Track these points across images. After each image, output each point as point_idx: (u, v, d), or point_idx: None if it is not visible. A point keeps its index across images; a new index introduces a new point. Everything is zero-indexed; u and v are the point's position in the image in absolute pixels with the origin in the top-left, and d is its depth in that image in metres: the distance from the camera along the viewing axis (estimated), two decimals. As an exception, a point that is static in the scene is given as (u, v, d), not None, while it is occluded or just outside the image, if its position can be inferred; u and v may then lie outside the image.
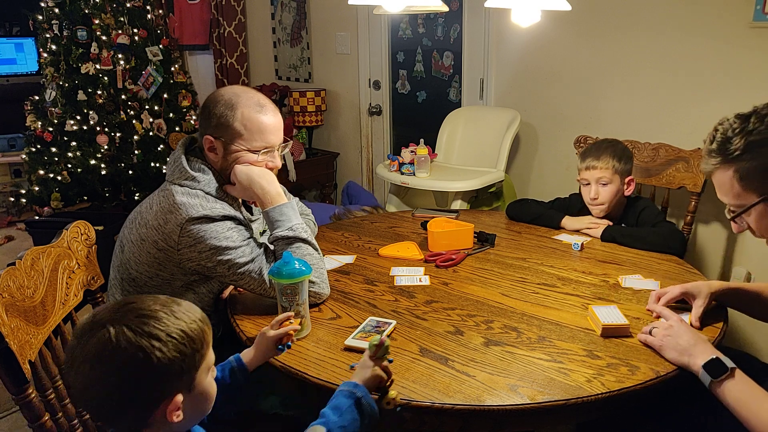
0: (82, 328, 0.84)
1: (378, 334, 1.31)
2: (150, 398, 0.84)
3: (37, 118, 3.78)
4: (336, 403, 1.04)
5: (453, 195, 2.73)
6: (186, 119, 4.01)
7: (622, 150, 1.98)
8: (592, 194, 1.96)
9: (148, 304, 0.86)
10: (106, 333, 0.81)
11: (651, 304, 1.43)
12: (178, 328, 0.85)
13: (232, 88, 1.55)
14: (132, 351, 0.81)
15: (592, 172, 1.95)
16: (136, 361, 0.81)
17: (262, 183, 1.50)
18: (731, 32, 2.20)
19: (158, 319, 0.84)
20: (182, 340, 0.85)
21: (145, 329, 0.82)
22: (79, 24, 3.69)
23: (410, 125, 3.68)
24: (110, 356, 0.81)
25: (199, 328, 0.89)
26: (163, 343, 0.83)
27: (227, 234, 1.44)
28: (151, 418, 0.85)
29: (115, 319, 0.83)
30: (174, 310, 0.87)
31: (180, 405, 0.85)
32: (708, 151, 1.17)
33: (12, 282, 1.08)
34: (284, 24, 4.17)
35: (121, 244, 1.54)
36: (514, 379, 1.18)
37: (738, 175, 1.13)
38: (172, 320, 0.85)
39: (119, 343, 0.81)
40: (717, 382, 1.13)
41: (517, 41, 2.89)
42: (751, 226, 1.19)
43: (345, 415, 1.02)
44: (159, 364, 0.82)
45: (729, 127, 1.14)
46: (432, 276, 1.68)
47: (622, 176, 1.95)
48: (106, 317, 0.84)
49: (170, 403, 0.85)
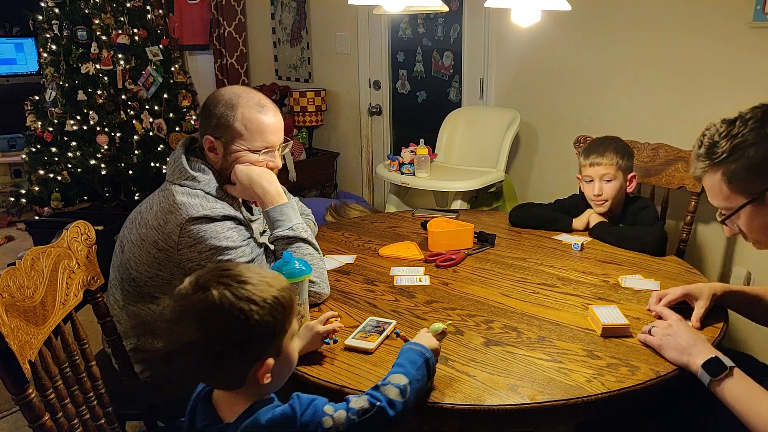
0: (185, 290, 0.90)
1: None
2: (245, 358, 0.89)
3: (37, 118, 3.78)
4: (410, 357, 1.09)
5: (453, 195, 2.73)
6: (186, 119, 4.01)
7: (624, 146, 1.99)
8: (596, 191, 1.97)
9: (243, 271, 0.92)
10: (210, 295, 0.87)
11: (652, 304, 1.43)
12: (271, 294, 0.90)
13: (233, 88, 1.54)
14: (234, 312, 0.86)
15: (597, 168, 1.95)
16: (237, 322, 0.86)
17: (262, 183, 1.50)
18: (731, 32, 2.20)
19: (254, 284, 0.89)
20: (275, 305, 0.90)
21: (244, 293, 0.88)
22: (79, 24, 3.69)
23: (410, 125, 3.68)
24: (213, 316, 0.86)
25: (288, 295, 0.94)
26: (260, 307, 0.88)
27: (227, 234, 1.44)
28: (245, 378, 0.90)
29: (218, 283, 0.88)
30: (265, 277, 0.93)
31: (270, 368, 0.91)
32: (696, 155, 1.20)
33: (12, 282, 1.08)
34: (284, 24, 4.17)
35: (121, 244, 1.54)
36: (514, 379, 1.18)
37: (726, 178, 1.15)
38: (266, 287, 0.90)
39: (222, 305, 0.86)
40: (716, 381, 1.14)
41: (517, 41, 2.89)
42: (741, 228, 1.20)
43: (419, 370, 1.07)
44: (255, 326, 0.88)
45: (715, 131, 1.17)
46: (432, 276, 1.68)
47: (625, 172, 1.96)
48: (208, 280, 0.89)
49: (262, 366, 0.90)
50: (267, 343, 0.91)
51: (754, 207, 1.15)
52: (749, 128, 1.12)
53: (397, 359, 1.10)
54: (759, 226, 1.18)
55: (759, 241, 1.22)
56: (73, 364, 1.25)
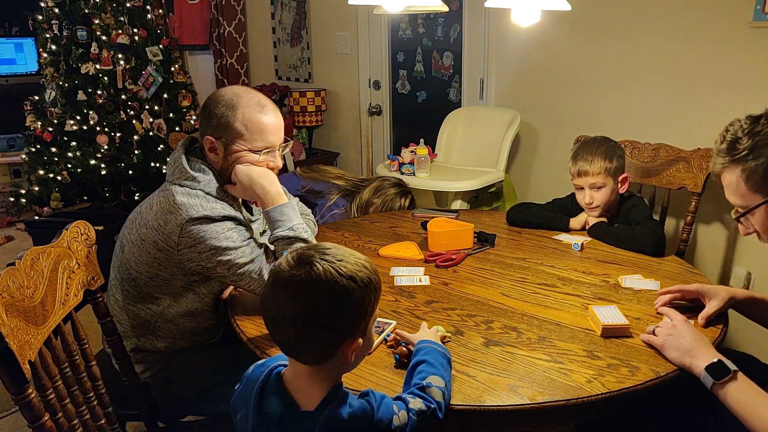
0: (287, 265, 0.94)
1: (386, 333, 1.32)
2: (339, 334, 0.94)
3: (37, 118, 3.78)
4: (438, 359, 1.13)
5: (453, 195, 2.73)
6: (186, 119, 4.01)
7: (612, 149, 1.96)
8: (587, 199, 1.96)
9: (342, 251, 0.96)
10: (314, 268, 0.91)
11: (659, 301, 1.43)
12: (367, 275, 0.95)
13: (233, 89, 1.54)
14: (338, 288, 0.91)
15: (585, 178, 1.94)
16: (340, 296, 0.91)
17: (262, 183, 1.50)
18: (731, 32, 2.20)
19: (353, 264, 0.94)
20: (370, 286, 0.95)
21: (345, 271, 0.92)
22: (79, 24, 3.69)
23: (410, 125, 3.68)
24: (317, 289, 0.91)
25: (378, 279, 0.98)
26: (359, 285, 0.93)
27: (227, 234, 1.44)
28: (336, 352, 0.94)
29: (321, 258, 0.93)
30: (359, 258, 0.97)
31: (359, 347, 0.96)
32: (717, 150, 1.19)
33: (12, 282, 1.08)
34: (284, 24, 4.17)
35: (121, 244, 1.54)
36: (514, 380, 1.18)
37: (744, 175, 1.14)
38: (362, 268, 0.95)
39: (327, 279, 0.91)
40: (719, 385, 1.14)
41: (517, 41, 2.89)
42: (756, 227, 1.19)
43: (447, 372, 1.13)
44: (353, 303, 0.93)
45: (739, 127, 1.15)
46: (432, 276, 1.68)
47: (615, 176, 1.94)
48: (312, 255, 0.94)
49: (353, 344, 0.95)
50: (359, 322, 0.95)
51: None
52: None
53: (424, 357, 1.13)
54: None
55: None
56: (73, 364, 1.25)
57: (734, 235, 2.36)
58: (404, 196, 2.50)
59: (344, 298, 0.92)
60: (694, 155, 2.18)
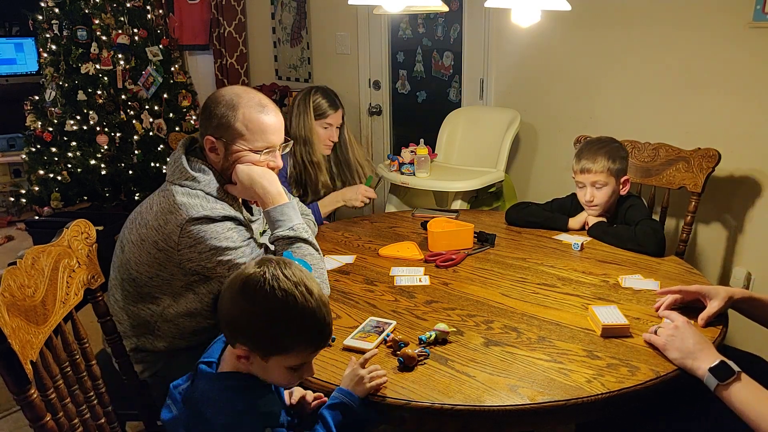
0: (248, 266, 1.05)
1: (378, 335, 1.32)
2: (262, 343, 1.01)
3: (37, 118, 3.78)
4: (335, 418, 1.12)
5: (453, 195, 2.73)
6: (186, 119, 4.01)
7: (617, 150, 1.97)
8: (588, 197, 1.97)
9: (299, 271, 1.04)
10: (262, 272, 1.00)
11: (660, 302, 1.43)
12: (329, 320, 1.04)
13: (233, 89, 1.54)
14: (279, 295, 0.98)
15: (587, 175, 1.95)
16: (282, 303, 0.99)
17: (263, 182, 1.50)
18: (731, 32, 2.20)
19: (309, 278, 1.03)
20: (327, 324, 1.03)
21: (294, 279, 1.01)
22: (79, 24, 3.69)
23: (410, 125, 3.68)
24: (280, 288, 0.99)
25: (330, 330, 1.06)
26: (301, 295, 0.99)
27: (227, 234, 1.44)
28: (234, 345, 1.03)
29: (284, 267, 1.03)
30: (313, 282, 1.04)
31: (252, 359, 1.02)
32: None
33: (13, 281, 1.08)
34: (284, 24, 4.17)
35: (121, 244, 1.54)
36: (514, 380, 1.18)
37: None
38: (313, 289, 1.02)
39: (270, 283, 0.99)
40: (723, 386, 1.14)
41: (517, 41, 2.89)
42: None
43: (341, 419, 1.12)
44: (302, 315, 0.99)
45: None
46: (432, 276, 1.68)
47: (617, 177, 1.95)
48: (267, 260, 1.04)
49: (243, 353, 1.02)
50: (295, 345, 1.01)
51: None
52: None
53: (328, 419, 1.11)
54: None
55: None
56: (74, 363, 1.25)
57: (734, 235, 2.36)
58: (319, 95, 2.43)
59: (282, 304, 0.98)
60: (694, 155, 2.18)
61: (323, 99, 2.43)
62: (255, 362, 1.03)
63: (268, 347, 1.00)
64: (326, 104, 2.43)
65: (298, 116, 2.39)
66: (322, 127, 2.42)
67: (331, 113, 2.43)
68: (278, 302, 0.98)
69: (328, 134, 2.44)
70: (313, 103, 2.41)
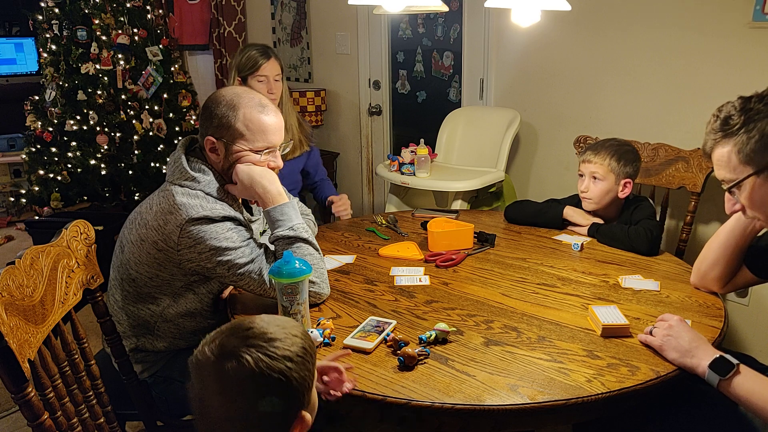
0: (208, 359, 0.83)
1: (378, 334, 1.32)
2: (287, 419, 0.84)
3: (37, 118, 3.78)
4: None
5: (453, 195, 2.73)
6: (186, 119, 4.01)
7: (626, 152, 1.97)
8: (583, 187, 1.99)
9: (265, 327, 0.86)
10: (243, 362, 0.80)
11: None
12: (299, 346, 0.85)
13: (233, 89, 1.54)
14: (274, 376, 0.81)
15: (587, 165, 1.97)
16: (278, 385, 0.81)
17: (263, 182, 1.50)
18: (731, 32, 2.20)
19: (282, 339, 0.84)
20: (306, 357, 0.86)
21: (279, 353, 0.82)
22: (79, 24, 3.70)
23: (410, 125, 3.67)
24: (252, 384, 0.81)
25: (311, 343, 0.89)
26: (295, 363, 0.83)
27: (227, 235, 1.44)
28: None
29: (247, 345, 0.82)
30: (287, 328, 0.87)
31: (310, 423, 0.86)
32: (710, 129, 1.24)
33: (11, 281, 1.08)
34: (284, 24, 4.17)
35: (120, 244, 1.54)
36: (514, 379, 1.17)
37: (736, 149, 1.19)
38: (293, 339, 0.85)
39: (261, 370, 0.80)
40: (726, 381, 1.14)
41: (517, 41, 2.89)
42: (743, 201, 1.22)
43: None
44: (296, 385, 0.83)
45: (731, 107, 1.21)
46: (432, 276, 1.68)
47: (617, 176, 1.94)
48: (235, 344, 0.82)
49: (302, 422, 0.85)
50: (303, 397, 0.86)
51: (759, 179, 1.17)
52: (764, 103, 1.17)
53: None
54: (760, 200, 1.20)
55: (757, 217, 1.24)
56: (73, 363, 1.25)
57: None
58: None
59: (284, 385, 0.82)
60: (694, 155, 2.18)
61: (252, 51, 2.26)
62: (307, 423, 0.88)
63: None
64: (257, 54, 2.25)
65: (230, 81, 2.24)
66: (257, 81, 2.26)
67: (263, 62, 2.25)
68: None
69: (265, 87, 2.27)
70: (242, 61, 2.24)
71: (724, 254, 1.51)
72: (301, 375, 0.84)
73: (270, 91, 2.29)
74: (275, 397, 0.82)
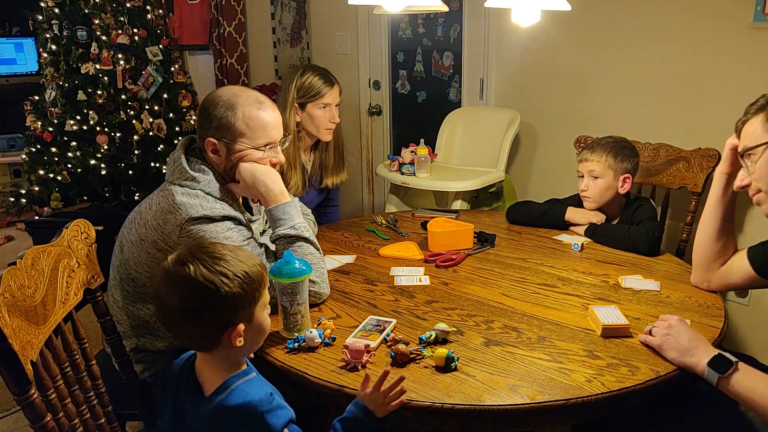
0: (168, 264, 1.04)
1: (379, 333, 1.32)
2: (218, 323, 1.03)
3: (37, 118, 3.78)
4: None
5: (453, 195, 2.73)
6: (186, 119, 4.01)
7: (623, 147, 1.98)
8: (582, 186, 1.99)
9: (219, 248, 1.06)
10: (186, 268, 1.02)
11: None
12: (241, 269, 1.04)
13: (229, 89, 1.55)
14: (207, 284, 1.01)
15: (585, 164, 1.98)
16: (209, 291, 1.01)
17: (266, 181, 1.50)
18: (731, 33, 2.20)
19: (227, 261, 1.04)
20: (245, 279, 1.04)
21: (217, 268, 1.02)
22: (79, 24, 3.69)
23: (410, 125, 3.67)
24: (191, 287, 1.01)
25: (258, 271, 1.07)
26: (230, 279, 1.02)
27: (227, 234, 1.44)
28: (219, 340, 1.04)
29: (195, 258, 1.03)
30: (238, 254, 1.07)
31: (242, 333, 1.04)
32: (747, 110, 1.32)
33: (13, 282, 1.08)
34: (284, 24, 4.17)
35: (120, 244, 1.54)
36: (515, 379, 1.18)
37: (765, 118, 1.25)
38: (237, 263, 1.04)
39: (196, 277, 1.01)
40: (725, 378, 1.14)
41: (517, 41, 2.89)
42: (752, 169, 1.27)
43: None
44: (226, 296, 1.01)
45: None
46: (432, 276, 1.68)
47: (616, 172, 1.95)
48: (187, 256, 1.04)
49: (234, 331, 1.04)
50: (238, 312, 1.04)
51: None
52: None
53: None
54: None
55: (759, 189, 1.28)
56: (74, 363, 1.25)
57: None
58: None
59: (214, 294, 1.00)
60: (694, 155, 2.18)
61: (315, 77, 2.19)
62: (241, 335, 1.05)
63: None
64: (320, 81, 2.18)
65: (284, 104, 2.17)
66: (318, 108, 2.20)
67: (327, 90, 2.19)
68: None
69: (327, 115, 2.22)
70: (304, 86, 2.17)
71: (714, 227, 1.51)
72: (234, 291, 1.02)
73: (332, 120, 2.24)
74: (207, 302, 1.02)
